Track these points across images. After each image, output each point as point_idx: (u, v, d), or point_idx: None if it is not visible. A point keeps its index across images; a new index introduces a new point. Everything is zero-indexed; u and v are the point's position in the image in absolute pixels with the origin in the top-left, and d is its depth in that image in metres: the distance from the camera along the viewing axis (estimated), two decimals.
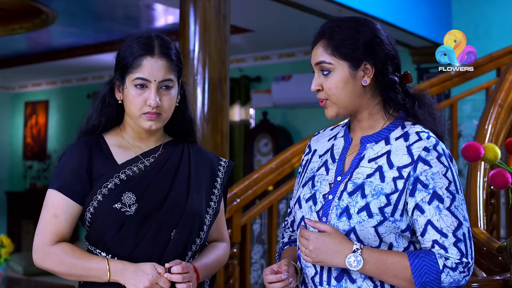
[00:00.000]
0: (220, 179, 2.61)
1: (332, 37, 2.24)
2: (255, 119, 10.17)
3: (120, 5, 7.88)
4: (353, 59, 2.22)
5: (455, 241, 2.11)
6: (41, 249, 2.37)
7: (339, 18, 2.31)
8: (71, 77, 12.63)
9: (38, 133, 13.21)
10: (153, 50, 2.40)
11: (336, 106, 2.25)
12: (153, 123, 2.41)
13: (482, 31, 8.11)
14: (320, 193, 2.26)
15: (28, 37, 9.65)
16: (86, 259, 2.34)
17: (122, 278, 2.30)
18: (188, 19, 4.87)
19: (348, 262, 2.09)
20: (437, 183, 2.13)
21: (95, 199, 2.37)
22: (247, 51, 9.88)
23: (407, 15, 7.62)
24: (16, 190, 13.13)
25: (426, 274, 2.08)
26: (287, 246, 2.51)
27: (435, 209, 2.12)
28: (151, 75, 2.37)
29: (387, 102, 2.29)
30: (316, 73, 2.28)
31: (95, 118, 2.53)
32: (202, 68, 4.79)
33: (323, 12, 6.77)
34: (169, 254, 2.37)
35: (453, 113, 6.30)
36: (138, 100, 2.39)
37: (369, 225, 2.13)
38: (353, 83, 2.23)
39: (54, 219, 2.38)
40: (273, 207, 4.82)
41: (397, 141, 2.23)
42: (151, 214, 2.37)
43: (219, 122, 4.82)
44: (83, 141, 2.47)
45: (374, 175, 2.18)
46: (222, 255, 2.62)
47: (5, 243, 6.83)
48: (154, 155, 2.51)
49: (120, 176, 2.41)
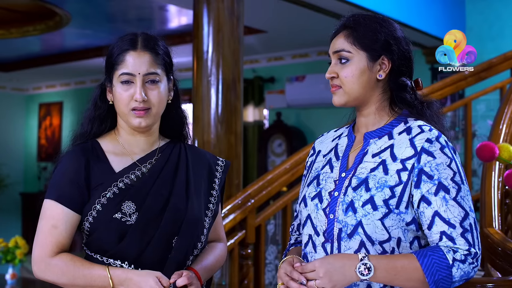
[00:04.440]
0: (218, 179, 2.58)
1: (355, 27, 2.27)
2: (269, 119, 10.17)
3: (134, 6, 7.90)
4: (372, 50, 2.24)
5: (463, 232, 2.10)
6: (41, 261, 2.33)
7: (361, 13, 2.34)
8: (85, 79, 12.67)
9: (52, 134, 13.26)
10: (136, 44, 2.36)
11: (347, 95, 2.26)
12: (142, 120, 2.36)
13: (496, 31, 8.09)
14: (325, 191, 2.26)
15: (42, 39, 9.69)
16: (88, 268, 2.29)
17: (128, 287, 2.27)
18: (202, 20, 4.89)
19: (359, 271, 2.07)
20: (442, 173, 2.14)
21: (93, 209, 2.32)
22: (260, 52, 9.89)
23: (421, 15, 7.60)
24: (30, 191, 13.18)
25: (437, 271, 2.07)
26: (293, 247, 2.50)
27: (441, 200, 2.12)
28: (134, 69, 2.33)
29: (395, 101, 2.31)
30: (333, 61, 2.30)
31: (88, 122, 2.50)
32: (216, 69, 4.80)
33: (337, 12, 6.77)
34: (171, 260, 2.35)
35: (467, 113, 6.28)
36: (124, 96, 2.35)
37: (374, 218, 2.13)
38: (368, 74, 2.25)
39: (54, 230, 2.33)
40: (287, 208, 4.81)
41: (400, 135, 2.24)
42: (152, 222, 2.34)
43: (233, 123, 4.83)
44: (79, 149, 2.43)
45: (378, 169, 2.19)
46: (220, 256, 2.60)
47: (20, 244, 6.87)
48: (151, 160, 2.46)
49: (118, 185, 2.36)
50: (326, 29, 2.37)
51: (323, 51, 9.10)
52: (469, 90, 7.17)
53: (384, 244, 2.14)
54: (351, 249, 2.16)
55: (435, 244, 2.13)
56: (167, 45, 2.48)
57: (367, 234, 2.14)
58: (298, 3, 6.52)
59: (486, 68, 5.95)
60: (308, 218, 2.30)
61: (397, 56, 2.26)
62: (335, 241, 2.19)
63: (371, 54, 2.24)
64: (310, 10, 6.77)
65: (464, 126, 6.44)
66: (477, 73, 5.93)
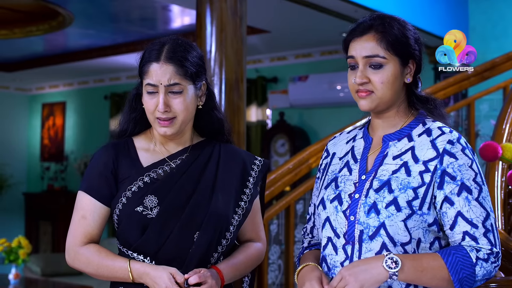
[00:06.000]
0: (252, 178, 2.59)
1: (386, 30, 2.24)
2: (271, 119, 10.16)
3: (137, 6, 7.90)
4: (403, 55, 2.25)
5: (485, 232, 2.12)
6: (71, 250, 2.43)
7: (380, 13, 2.32)
8: (88, 79, 12.67)
9: (56, 134, 13.26)
10: (160, 56, 2.40)
11: (379, 100, 2.24)
12: (167, 129, 2.43)
13: (500, 31, 8.08)
14: (345, 193, 2.26)
15: (45, 39, 9.69)
16: (111, 260, 2.38)
17: (146, 281, 2.33)
18: (205, 20, 4.89)
19: (386, 265, 2.07)
20: (464, 174, 2.15)
21: (120, 202, 2.40)
22: (263, 52, 9.88)
23: (424, 14, 7.60)
24: (33, 191, 13.18)
25: (462, 270, 2.08)
26: (307, 250, 2.50)
27: (464, 200, 2.14)
28: (157, 80, 2.38)
29: (411, 102, 2.32)
30: (361, 66, 2.24)
31: (124, 122, 2.57)
32: (219, 69, 4.80)
33: (340, 12, 6.77)
34: (193, 256, 2.38)
35: (471, 113, 6.29)
36: (149, 105, 2.41)
37: (398, 219, 2.13)
38: (400, 79, 2.26)
39: (83, 221, 2.43)
40: (290, 208, 4.81)
41: (420, 137, 2.25)
42: (173, 216, 2.38)
43: (236, 123, 4.83)
44: (111, 144, 2.52)
45: (400, 171, 2.20)
46: (254, 255, 2.60)
47: (23, 244, 6.87)
48: (181, 157, 2.51)
49: (144, 179, 2.43)
50: (329, 29, 2.37)
51: (326, 51, 9.10)
52: (472, 90, 7.17)
53: (406, 246, 2.15)
54: (372, 251, 2.16)
55: (458, 244, 2.15)
56: (197, 52, 2.50)
57: (389, 235, 2.15)
58: (301, 3, 6.51)
59: (489, 67, 5.96)
60: (327, 221, 2.30)
61: (418, 58, 2.28)
62: (356, 243, 2.20)
63: (403, 59, 2.25)
64: (313, 10, 6.76)
65: (467, 126, 6.45)
66: (480, 72, 5.93)
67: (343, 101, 8.63)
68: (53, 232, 12.16)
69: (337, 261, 2.23)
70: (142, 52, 2.48)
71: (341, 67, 8.79)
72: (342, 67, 8.66)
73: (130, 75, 11.55)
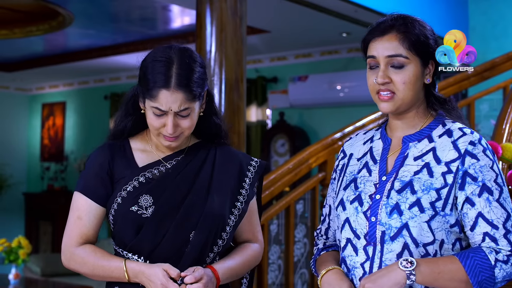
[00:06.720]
0: (249, 179, 2.58)
1: (409, 31, 2.25)
2: (271, 119, 10.16)
3: (137, 6, 7.90)
4: (424, 56, 2.25)
5: (505, 233, 2.12)
6: (67, 250, 2.45)
7: (400, 14, 2.35)
8: (88, 79, 12.67)
9: (56, 134, 13.26)
10: (169, 82, 2.34)
11: (401, 101, 2.24)
12: (172, 143, 2.44)
13: (500, 31, 8.08)
14: (365, 194, 2.26)
15: (45, 39, 9.69)
16: (107, 260, 2.39)
17: (141, 280, 2.33)
18: (205, 20, 4.89)
19: (402, 265, 2.07)
20: (485, 175, 2.16)
21: (115, 202, 2.40)
22: (263, 52, 9.88)
23: (424, 14, 7.56)
24: (33, 191, 13.18)
25: (481, 272, 2.08)
26: (324, 251, 2.49)
27: (485, 201, 2.14)
28: (167, 107, 2.35)
29: (430, 102, 2.32)
30: (383, 65, 2.23)
31: (119, 123, 2.56)
32: (219, 69, 4.80)
33: (340, 12, 6.77)
34: (188, 256, 2.38)
35: (471, 113, 6.28)
36: (156, 123, 2.39)
37: (421, 220, 2.13)
38: (421, 80, 2.26)
39: (78, 221, 2.43)
40: (290, 208, 4.81)
41: (440, 138, 2.25)
42: (168, 216, 2.38)
43: (236, 122, 4.83)
44: (107, 145, 2.52)
45: (422, 172, 2.20)
46: (251, 256, 2.60)
47: (23, 244, 6.87)
48: (177, 158, 2.52)
49: (139, 179, 2.43)
50: (329, 29, 2.37)
51: (326, 51, 9.09)
52: (472, 90, 7.17)
53: (427, 247, 2.15)
54: (394, 252, 2.16)
55: (477, 245, 2.14)
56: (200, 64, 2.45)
57: (412, 236, 2.14)
58: (301, 3, 6.51)
59: (489, 67, 5.95)
60: (346, 222, 2.29)
61: (435, 58, 2.28)
62: (377, 244, 2.19)
63: (424, 59, 2.25)
64: (313, 10, 6.76)
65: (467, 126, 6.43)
66: (480, 72, 5.93)
67: (343, 101, 8.63)
68: (53, 232, 12.17)
69: (357, 262, 2.23)
70: (147, 63, 2.41)
71: (341, 67, 8.81)
72: (342, 67, 8.69)
73: (130, 75, 11.55)
